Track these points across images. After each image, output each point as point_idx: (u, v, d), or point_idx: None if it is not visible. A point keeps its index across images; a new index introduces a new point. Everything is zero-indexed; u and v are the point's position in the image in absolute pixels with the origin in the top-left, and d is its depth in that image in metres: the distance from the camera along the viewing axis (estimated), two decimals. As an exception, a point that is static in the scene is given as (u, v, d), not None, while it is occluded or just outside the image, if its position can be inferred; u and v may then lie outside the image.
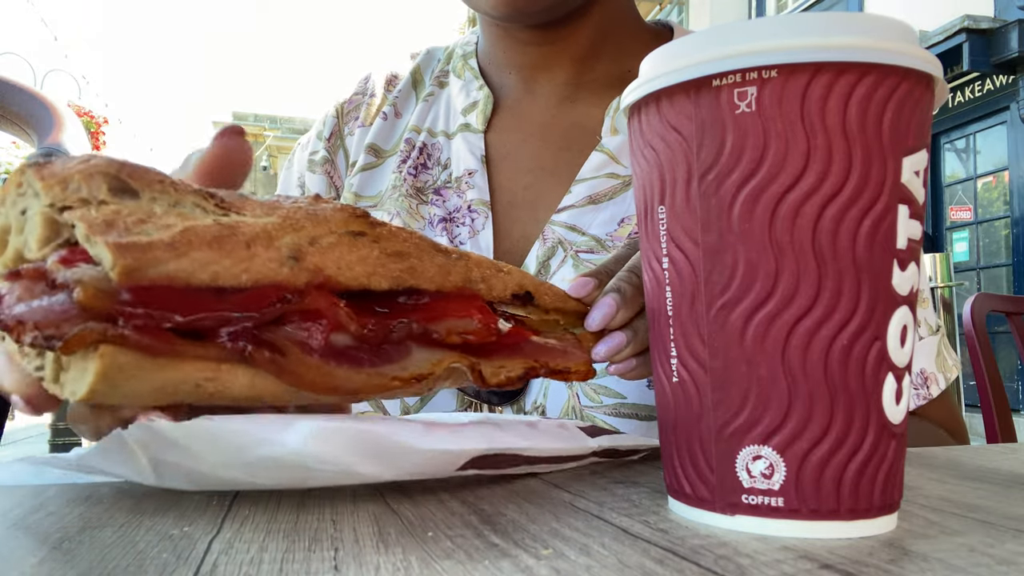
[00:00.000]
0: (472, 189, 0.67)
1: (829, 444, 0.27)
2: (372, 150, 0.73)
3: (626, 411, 0.58)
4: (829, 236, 0.27)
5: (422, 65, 0.78)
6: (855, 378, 0.27)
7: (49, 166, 0.26)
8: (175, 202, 0.27)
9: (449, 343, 0.33)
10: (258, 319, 0.26)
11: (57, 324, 0.24)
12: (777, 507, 0.27)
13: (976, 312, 1.38)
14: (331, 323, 0.28)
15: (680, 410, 0.30)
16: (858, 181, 0.27)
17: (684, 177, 0.29)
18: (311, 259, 0.28)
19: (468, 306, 0.34)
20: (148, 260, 0.24)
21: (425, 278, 0.32)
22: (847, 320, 0.27)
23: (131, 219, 0.25)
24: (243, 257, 0.26)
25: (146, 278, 0.24)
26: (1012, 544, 0.27)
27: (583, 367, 0.39)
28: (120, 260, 0.23)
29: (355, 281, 0.29)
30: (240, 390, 0.27)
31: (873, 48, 0.26)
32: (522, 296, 0.37)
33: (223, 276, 0.25)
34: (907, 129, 0.28)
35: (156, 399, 0.26)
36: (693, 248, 0.29)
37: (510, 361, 0.36)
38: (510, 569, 0.23)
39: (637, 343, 0.40)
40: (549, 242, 0.63)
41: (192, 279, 0.25)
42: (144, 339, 0.24)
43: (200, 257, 0.25)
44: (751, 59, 0.26)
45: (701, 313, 0.29)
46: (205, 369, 0.26)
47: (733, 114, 0.27)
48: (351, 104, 0.77)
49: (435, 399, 0.61)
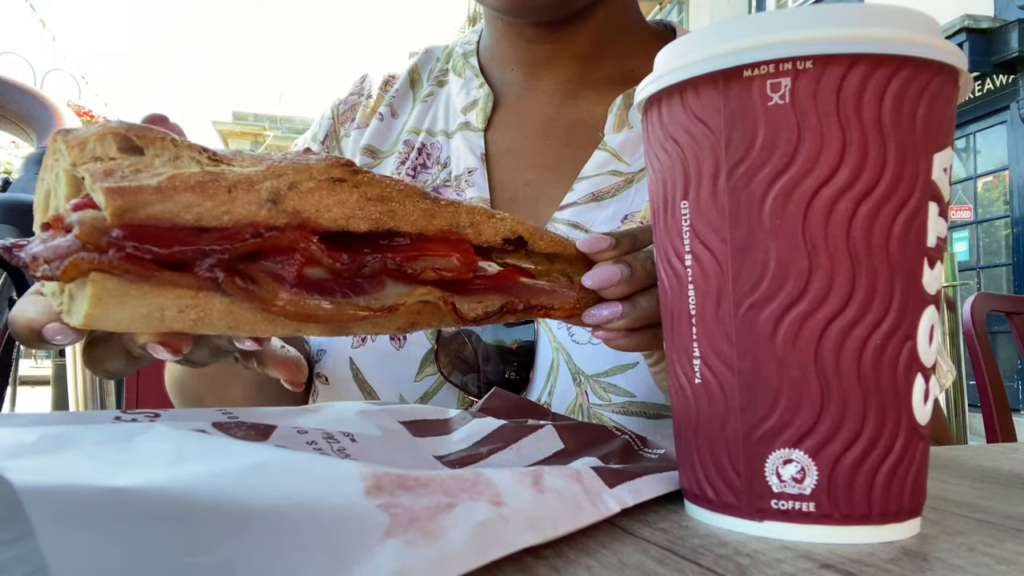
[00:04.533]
0: (472, 187, 0.67)
1: (862, 447, 0.26)
2: (368, 151, 0.72)
3: (634, 409, 0.57)
4: (864, 233, 0.26)
5: (420, 64, 0.77)
6: (887, 379, 0.27)
7: (73, 132, 0.29)
8: (175, 156, 0.30)
9: (424, 279, 0.34)
10: (232, 251, 0.29)
11: (61, 258, 0.27)
12: (808, 512, 0.27)
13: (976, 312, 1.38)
14: (304, 257, 0.30)
15: (703, 412, 0.29)
16: (892, 178, 0.26)
17: (711, 171, 0.28)
18: (289, 202, 0.30)
19: (450, 247, 0.34)
20: (137, 202, 0.27)
21: (407, 221, 0.33)
22: (880, 320, 0.26)
23: (129, 169, 0.28)
24: (224, 200, 0.28)
25: (136, 218, 0.27)
26: (1012, 544, 0.27)
27: (567, 304, 0.38)
28: (112, 202, 0.26)
29: (333, 223, 0.31)
30: (219, 317, 0.29)
31: (909, 41, 0.26)
32: (514, 241, 0.37)
33: (206, 217, 0.28)
34: (939, 125, 0.27)
35: (148, 324, 0.28)
36: (720, 245, 0.28)
37: (489, 297, 0.36)
38: (510, 568, 0.23)
39: (632, 318, 0.39)
40: None
41: (177, 219, 0.27)
42: (128, 266, 0.27)
43: (184, 200, 0.28)
44: (786, 49, 0.25)
45: (728, 312, 0.28)
46: (184, 296, 0.28)
47: (765, 106, 0.26)
48: (346, 105, 0.76)
49: (434, 399, 0.61)
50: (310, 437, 0.32)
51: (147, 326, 0.28)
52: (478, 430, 0.40)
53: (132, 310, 0.28)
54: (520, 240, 0.37)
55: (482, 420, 0.41)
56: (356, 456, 0.32)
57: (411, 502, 0.22)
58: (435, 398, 0.61)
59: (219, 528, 0.19)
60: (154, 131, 0.30)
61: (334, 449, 0.32)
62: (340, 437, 0.34)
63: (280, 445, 0.29)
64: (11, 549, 0.24)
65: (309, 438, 0.32)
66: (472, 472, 0.25)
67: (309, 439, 0.32)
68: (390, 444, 0.35)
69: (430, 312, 0.34)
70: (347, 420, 0.36)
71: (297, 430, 0.33)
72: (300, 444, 0.31)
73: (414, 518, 0.22)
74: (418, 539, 0.21)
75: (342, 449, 0.32)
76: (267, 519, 0.20)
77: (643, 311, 0.39)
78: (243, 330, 0.30)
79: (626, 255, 0.39)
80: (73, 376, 1.19)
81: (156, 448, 0.23)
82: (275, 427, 0.32)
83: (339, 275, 0.31)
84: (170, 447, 0.23)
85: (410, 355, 0.62)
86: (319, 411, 0.37)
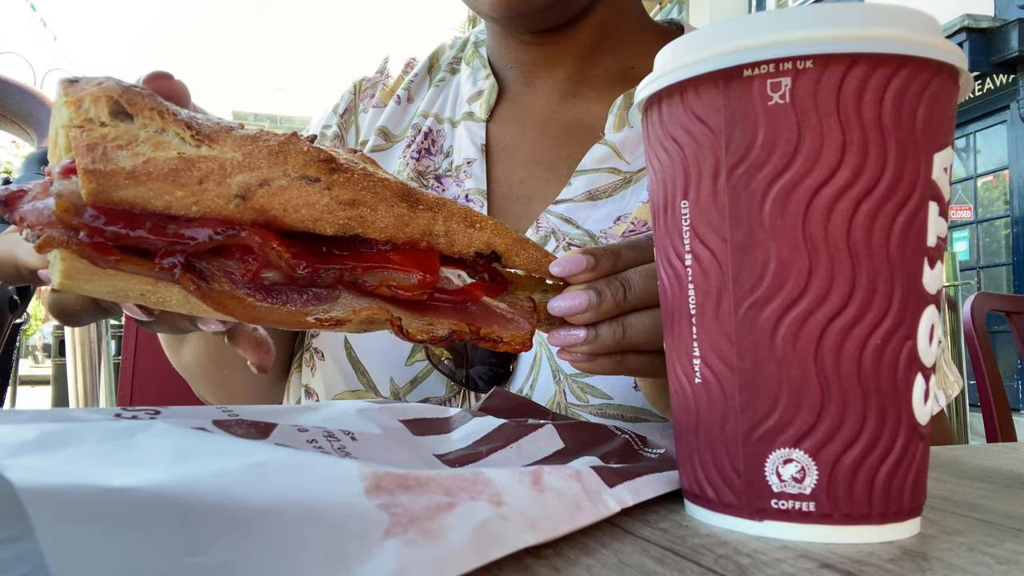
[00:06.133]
0: (470, 178, 0.67)
1: (862, 446, 0.26)
2: (382, 133, 0.73)
3: (612, 412, 0.57)
4: (864, 233, 0.26)
5: (440, 51, 0.78)
6: (888, 379, 0.27)
7: (74, 85, 0.30)
8: (161, 129, 0.30)
9: (379, 294, 0.34)
10: (193, 248, 0.30)
11: (40, 226, 0.29)
12: (808, 512, 0.27)
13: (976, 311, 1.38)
14: (261, 260, 0.31)
15: (703, 412, 0.29)
16: (892, 177, 0.26)
17: (711, 171, 0.28)
18: (258, 199, 0.30)
19: (414, 260, 0.34)
20: (111, 185, 0.28)
21: (375, 228, 0.33)
22: (880, 319, 0.26)
23: (112, 144, 0.29)
24: (194, 191, 0.29)
25: (109, 200, 0.28)
26: (1012, 543, 0.27)
27: (518, 339, 0.37)
28: (87, 184, 0.28)
29: (300, 224, 0.31)
30: (177, 304, 0.31)
31: (910, 41, 0.26)
32: (487, 256, 0.36)
33: (175, 206, 0.29)
34: (939, 125, 0.27)
35: (115, 298, 0.30)
36: (720, 244, 0.28)
37: (440, 320, 0.35)
38: (510, 568, 0.23)
39: (599, 310, 0.38)
40: (543, 230, 0.63)
41: (148, 205, 0.29)
42: (92, 253, 0.29)
43: (156, 187, 0.29)
44: (786, 49, 0.25)
45: (728, 312, 0.28)
46: (145, 283, 0.30)
47: (766, 105, 0.26)
48: (369, 82, 0.77)
49: (423, 384, 0.61)
50: (311, 435, 0.32)
51: (115, 299, 0.31)
52: (478, 429, 0.40)
53: (100, 287, 0.30)
54: (493, 255, 0.36)
55: (482, 419, 0.41)
56: (357, 454, 0.32)
57: (411, 502, 0.22)
58: (424, 383, 0.61)
59: (219, 528, 0.19)
60: (145, 99, 0.30)
61: (335, 447, 0.32)
62: (341, 435, 0.34)
63: (281, 443, 0.30)
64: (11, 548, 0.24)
65: (310, 436, 0.32)
66: (472, 471, 0.25)
67: (310, 437, 0.32)
68: (390, 442, 0.35)
69: (380, 324, 0.34)
70: (348, 418, 0.36)
71: (298, 428, 0.33)
72: (301, 442, 0.31)
73: (414, 518, 0.21)
74: (418, 539, 0.21)
75: (342, 448, 0.32)
76: (267, 519, 0.20)
77: (605, 340, 0.38)
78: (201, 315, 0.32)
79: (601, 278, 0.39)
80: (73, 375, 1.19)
81: (157, 446, 0.23)
82: (275, 425, 0.32)
83: (295, 282, 0.32)
84: (171, 445, 0.23)
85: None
86: (320, 409, 0.37)
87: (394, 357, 0.62)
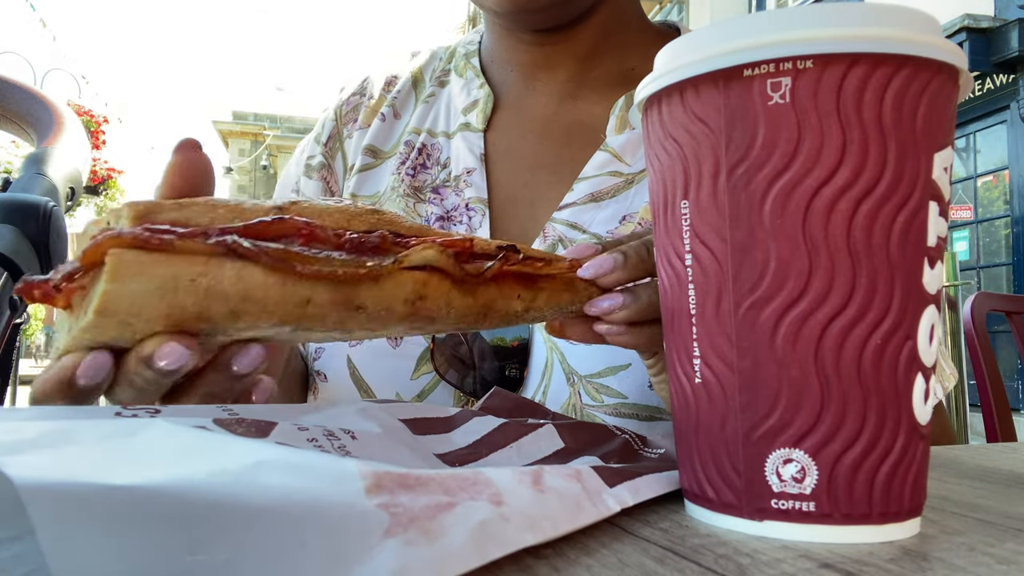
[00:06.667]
0: (470, 187, 0.67)
1: (862, 446, 0.26)
2: (370, 151, 0.72)
3: (627, 411, 0.57)
4: (864, 233, 0.26)
5: (423, 65, 0.77)
6: (888, 379, 0.27)
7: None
8: None
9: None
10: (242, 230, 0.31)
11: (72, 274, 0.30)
12: (808, 512, 0.27)
13: (976, 311, 1.38)
14: (309, 234, 0.32)
15: (703, 412, 0.29)
16: (892, 177, 0.26)
17: (711, 171, 0.28)
18: (294, 211, 0.33)
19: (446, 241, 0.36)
20: (155, 208, 0.30)
21: (403, 227, 0.36)
22: (880, 319, 0.26)
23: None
24: (235, 210, 0.32)
25: (154, 221, 0.29)
26: (1012, 543, 0.27)
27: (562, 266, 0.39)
28: (132, 209, 0.29)
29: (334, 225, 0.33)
30: (229, 283, 0.30)
31: (910, 41, 0.26)
32: (506, 248, 0.38)
33: (218, 221, 0.31)
34: (939, 125, 0.27)
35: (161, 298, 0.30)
36: (720, 244, 0.28)
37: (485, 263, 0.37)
38: (510, 568, 0.23)
39: (634, 310, 0.39)
40: (550, 239, 0.63)
41: (191, 223, 0.30)
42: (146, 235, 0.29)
43: (199, 209, 0.31)
44: (786, 48, 0.25)
45: (728, 312, 0.28)
46: (196, 263, 0.30)
47: (766, 105, 0.26)
48: (349, 106, 0.76)
49: (430, 397, 0.61)
50: (311, 434, 0.32)
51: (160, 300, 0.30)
52: (478, 429, 0.40)
53: (148, 282, 0.29)
54: (512, 247, 0.38)
55: (483, 419, 0.41)
56: (357, 454, 0.32)
57: (411, 501, 0.22)
58: (431, 396, 0.61)
59: (219, 527, 0.19)
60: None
61: (335, 446, 0.32)
62: (341, 434, 0.33)
63: (281, 442, 0.29)
64: (11, 548, 0.25)
65: (310, 435, 0.32)
66: (472, 471, 0.25)
67: (310, 436, 0.32)
68: (391, 442, 0.35)
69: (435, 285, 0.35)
70: (348, 417, 0.36)
71: (298, 427, 0.33)
72: (301, 441, 0.31)
73: (414, 517, 0.21)
74: (418, 538, 0.21)
75: (343, 447, 0.32)
76: (267, 517, 0.20)
77: (644, 303, 0.39)
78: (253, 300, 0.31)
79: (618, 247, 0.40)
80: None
81: (157, 445, 0.23)
82: (276, 424, 0.32)
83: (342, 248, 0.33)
84: (171, 443, 0.23)
85: (406, 353, 0.62)
86: (320, 408, 0.37)
87: (398, 372, 0.62)
